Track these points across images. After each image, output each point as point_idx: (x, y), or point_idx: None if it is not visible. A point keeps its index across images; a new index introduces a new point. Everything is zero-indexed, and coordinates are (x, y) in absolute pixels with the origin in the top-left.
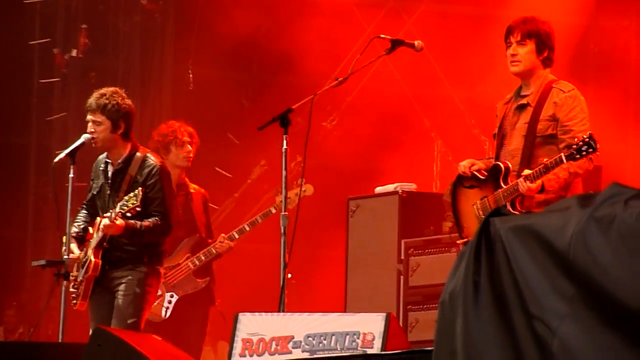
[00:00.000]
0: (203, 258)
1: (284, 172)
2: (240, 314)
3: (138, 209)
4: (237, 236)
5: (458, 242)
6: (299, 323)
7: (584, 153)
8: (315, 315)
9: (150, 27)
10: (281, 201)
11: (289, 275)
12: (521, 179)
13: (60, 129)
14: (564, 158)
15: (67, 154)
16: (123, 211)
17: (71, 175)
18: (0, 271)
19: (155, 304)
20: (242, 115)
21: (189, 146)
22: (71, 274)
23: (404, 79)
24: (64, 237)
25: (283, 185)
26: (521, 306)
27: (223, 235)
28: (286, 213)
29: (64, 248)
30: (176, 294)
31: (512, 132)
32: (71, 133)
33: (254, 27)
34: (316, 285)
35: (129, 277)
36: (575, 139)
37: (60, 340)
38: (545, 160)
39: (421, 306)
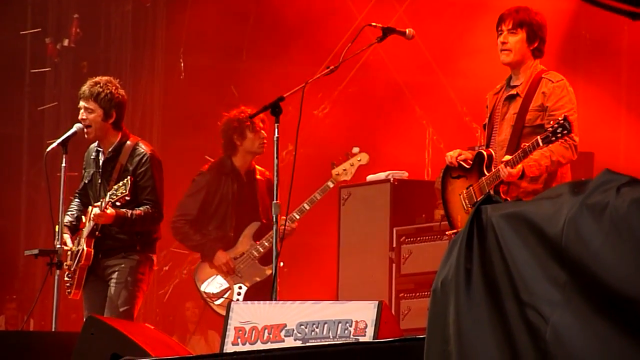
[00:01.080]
0: (266, 244)
1: (275, 161)
2: (232, 302)
3: (127, 198)
4: (297, 216)
5: (447, 233)
6: (292, 311)
7: (559, 135)
8: (307, 304)
9: (142, 16)
10: (337, 174)
11: (281, 264)
12: (502, 165)
13: (53, 118)
14: (540, 141)
15: (59, 144)
16: (113, 200)
17: (63, 164)
18: None
19: (222, 299)
20: (233, 104)
21: (263, 132)
22: (65, 263)
23: (396, 67)
24: (57, 227)
25: (275, 173)
26: (513, 294)
27: (283, 217)
28: (278, 202)
29: (56, 237)
30: (244, 285)
31: (501, 122)
32: (63, 123)
33: (244, 16)
34: (308, 274)
35: (122, 266)
36: (551, 122)
37: (53, 329)
38: (522, 145)
39: (413, 294)
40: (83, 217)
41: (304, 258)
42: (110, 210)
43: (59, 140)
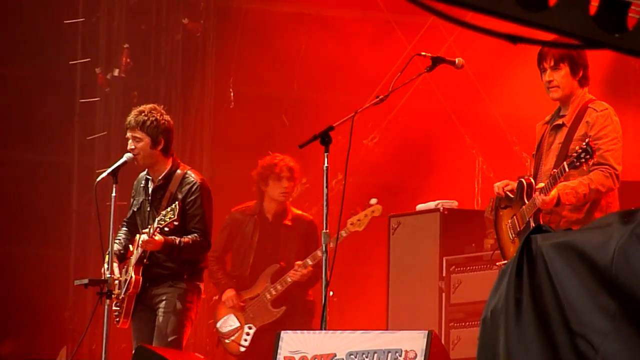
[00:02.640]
0: (279, 287)
1: (325, 190)
2: (282, 332)
3: (175, 223)
4: (310, 262)
5: (497, 263)
6: (341, 341)
7: (583, 160)
8: (357, 333)
9: (192, 46)
10: (352, 224)
11: (331, 293)
12: (537, 193)
13: (102, 148)
14: (566, 167)
15: (109, 173)
16: (161, 226)
17: (113, 194)
18: (43, 290)
19: (233, 337)
20: (283, 133)
21: (286, 181)
22: (113, 292)
23: (445, 96)
24: (107, 256)
25: (324, 203)
26: (563, 323)
27: (298, 262)
28: (327, 231)
29: (106, 266)
30: (254, 326)
31: (547, 152)
32: (113, 152)
33: (294, 45)
34: (358, 303)
35: (169, 294)
36: (576, 148)
37: (103, 359)
38: (552, 171)
39: (463, 323)
40: (130, 246)
41: (353, 287)
42: (158, 237)
43: (109, 170)
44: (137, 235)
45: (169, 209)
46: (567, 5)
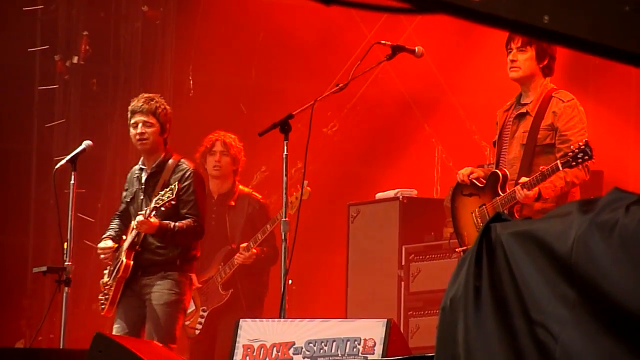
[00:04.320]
0: (228, 270)
1: (284, 178)
2: (241, 320)
3: (173, 202)
4: (252, 245)
5: (457, 250)
6: (300, 329)
7: (580, 160)
8: (316, 321)
9: (151, 33)
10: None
11: (290, 281)
12: (518, 187)
13: (61, 135)
14: (560, 165)
15: (68, 161)
16: (158, 205)
17: (72, 181)
18: (1, 277)
19: (190, 321)
20: (242, 121)
21: (218, 155)
22: (101, 280)
23: (405, 85)
24: (65, 244)
25: (284, 191)
26: (523, 312)
27: (243, 245)
28: (287, 219)
29: (65, 254)
30: (207, 308)
31: (511, 140)
32: (72, 139)
33: (253, 33)
34: (317, 291)
35: (160, 286)
36: (572, 147)
37: (61, 347)
38: (541, 167)
39: (422, 312)
40: (124, 236)
41: (312, 275)
42: (153, 220)
43: (67, 157)
44: (132, 222)
45: (167, 189)
46: None
